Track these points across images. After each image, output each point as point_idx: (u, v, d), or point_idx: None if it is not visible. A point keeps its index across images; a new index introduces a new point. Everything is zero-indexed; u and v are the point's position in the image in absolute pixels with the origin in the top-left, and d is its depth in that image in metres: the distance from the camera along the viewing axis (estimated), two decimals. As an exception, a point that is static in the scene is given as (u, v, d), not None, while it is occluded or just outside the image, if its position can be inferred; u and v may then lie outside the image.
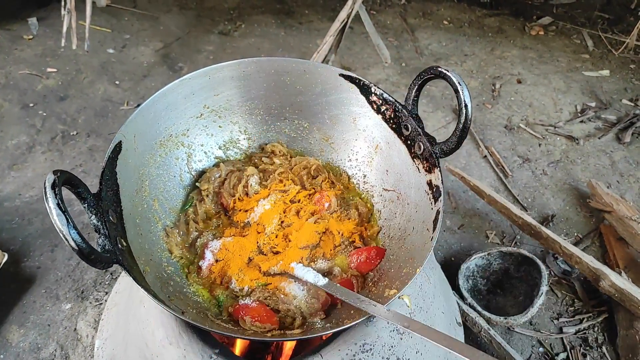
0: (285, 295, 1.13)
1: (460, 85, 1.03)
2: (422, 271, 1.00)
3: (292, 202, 1.33)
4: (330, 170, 1.43)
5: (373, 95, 1.29)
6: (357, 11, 2.57)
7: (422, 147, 1.17)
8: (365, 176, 1.39)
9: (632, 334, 1.72)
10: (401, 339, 1.17)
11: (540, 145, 2.77)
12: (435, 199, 1.10)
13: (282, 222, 1.28)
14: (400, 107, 1.23)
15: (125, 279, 1.55)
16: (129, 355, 1.26)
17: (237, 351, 1.27)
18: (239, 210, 1.32)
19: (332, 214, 1.30)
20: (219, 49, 3.49)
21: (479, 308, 1.75)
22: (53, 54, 3.20)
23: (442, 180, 1.10)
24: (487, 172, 2.57)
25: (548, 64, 3.50)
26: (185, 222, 1.28)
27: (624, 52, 3.63)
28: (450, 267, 2.00)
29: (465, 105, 1.03)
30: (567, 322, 1.88)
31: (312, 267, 1.17)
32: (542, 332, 1.83)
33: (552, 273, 2.03)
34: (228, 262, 1.19)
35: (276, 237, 1.24)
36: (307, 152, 1.47)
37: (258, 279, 1.17)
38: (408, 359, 1.18)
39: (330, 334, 1.11)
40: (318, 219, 1.28)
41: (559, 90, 3.23)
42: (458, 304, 1.71)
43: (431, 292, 1.40)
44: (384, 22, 3.97)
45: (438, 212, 1.06)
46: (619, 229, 2.08)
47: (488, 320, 1.74)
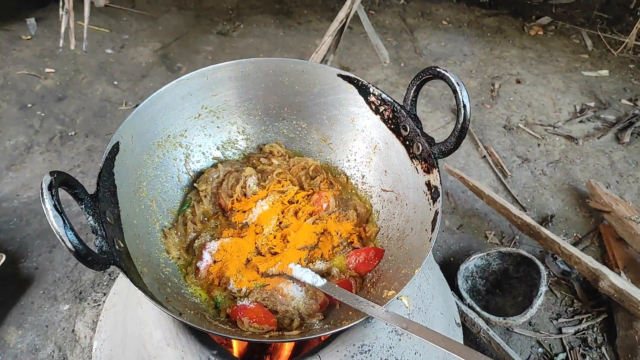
0: (284, 296, 1.12)
1: (458, 86, 1.03)
2: (420, 272, 1.00)
3: (290, 202, 1.33)
4: (328, 170, 1.42)
5: (371, 95, 1.29)
6: (356, 11, 2.57)
7: (420, 147, 1.17)
8: (363, 177, 1.39)
9: (631, 334, 1.72)
10: (400, 340, 1.17)
11: (539, 145, 2.77)
12: (434, 200, 1.09)
13: (281, 223, 1.28)
14: (398, 108, 1.22)
15: (124, 280, 1.54)
16: (127, 357, 1.25)
17: (235, 352, 1.27)
18: (237, 211, 1.31)
19: (330, 214, 1.30)
20: (217, 49, 3.48)
21: (478, 308, 1.74)
22: (51, 55, 3.19)
23: (440, 180, 1.09)
24: (486, 172, 2.57)
25: (547, 64, 3.50)
26: (183, 223, 1.27)
27: (623, 52, 3.63)
28: (449, 268, 1.99)
29: (464, 106, 1.03)
30: (566, 322, 1.88)
31: (310, 268, 1.17)
32: (541, 333, 1.83)
33: (551, 273, 2.03)
34: (226, 263, 1.19)
35: (274, 238, 1.24)
36: (305, 152, 1.46)
37: (256, 280, 1.16)
38: (407, 360, 1.18)
39: (328, 335, 1.11)
40: (316, 219, 1.27)
41: (558, 90, 3.23)
42: (457, 304, 1.71)
43: (430, 293, 1.39)
44: (383, 22, 3.97)
45: (436, 213, 1.06)
46: (618, 229, 2.08)
47: (487, 321, 1.73)
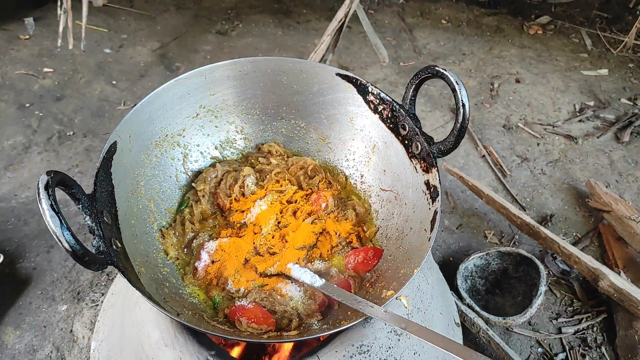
0: (282, 296, 1.12)
1: (457, 85, 1.03)
2: (419, 272, 0.99)
3: (288, 202, 1.32)
4: (327, 170, 1.42)
5: (370, 94, 1.28)
6: (355, 10, 2.56)
7: (419, 146, 1.16)
8: (362, 176, 1.38)
9: (631, 334, 1.72)
10: (399, 340, 1.17)
11: (538, 144, 2.77)
12: (433, 199, 1.09)
13: (279, 223, 1.27)
14: (397, 107, 1.22)
15: (122, 280, 1.54)
16: (124, 357, 1.25)
17: (233, 353, 1.26)
18: (236, 211, 1.31)
19: (329, 214, 1.29)
20: (216, 48, 3.47)
21: (477, 308, 1.74)
22: (49, 54, 3.18)
23: (439, 180, 1.09)
24: (485, 172, 2.57)
25: (546, 63, 3.50)
26: (181, 223, 1.27)
27: (622, 51, 3.63)
28: (448, 268, 1.99)
29: (463, 105, 1.03)
30: (566, 322, 1.87)
31: (309, 268, 1.16)
32: (540, 333, 1.83)
33: (551, 273, 2.03)
34: (224, 263, 1.18)
35: (273, 238, 1.24)
36: (304, 152, 1.46)
37: (254, 280, 1.16)
38: (406, 360, 1.17)
39: (327, 335, 1.10)
40: (315, 219, 1.27)
41: (557, 89, 3.23)
42: (456, 304, 1.70)
43: (429, 293, 1.39)
44: (382, 22, 3.96)
45: (436, 212, 1.06)
46: (617, 229, 2.08)
47: (487, 321, 1.73)
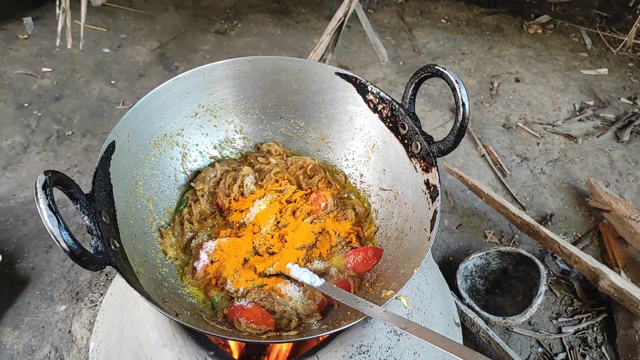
0: (281, 296, 1.12)
1: (457, 84, 1.02)
2: (419, 271, 0.99)
3: (288, 202, 1.32)
4: (326, 169, 1.42)
5: (369, 94, 1.28)
6: (354, 10, 2.55)
7: (419, 146, 1.16)
8: (362, 176, 1.38)
9: (631, 333, 1.72)
10: (399, 340, 1.16)
11: (538, 144, 2.76)
12: (433, 199, 1.08)
13: (278, 223, 1.27)
14: (397, 106, 1.21)
15: (120, 280, 1.53)
16: (123, 358, 1.24)
17: (232, 353, 1.26)
18: (235, 211, 1.30)
19: (328, 214, 1.29)
20: (215, 48, 3.47)
21: (477, 308, 1.74)
22: (48, 54, 3.18)
23: (439, 179, 1.09)
24: (485, 171, 2.56)
25: (546, 63, 3.50)
26: (180, 223, 1.26)
27: (622, 51, 3.63)
28: (448, 267, 1.98)
29: (463, 104, 1.02)
30: (566, 322, 1.87)
31: (308, 268, 1.16)
32: (541, 332, 1.82)
33: (551, 273, 2.02)
34: (223, 263, 1.18)
35: (272, 238, 1.23)
36: (303, 151, 1.45)
37: (254, 280, 1.15)
38: (406, 361, 1.17)
39: (326, 335, 1.10)
40: (314, 219, 1.26)
41: (557, 88, 3.22)
42: (456, 304, 1.70)
43: (429, 293, 1.38)
44: (381, 21, 3.96)
45: (435, 212, 1.05)
46: (618, 228, 2.07)
47: (486, 321, 1.72)
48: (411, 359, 1.18)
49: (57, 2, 2.62)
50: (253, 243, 1.22)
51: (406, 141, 1.21)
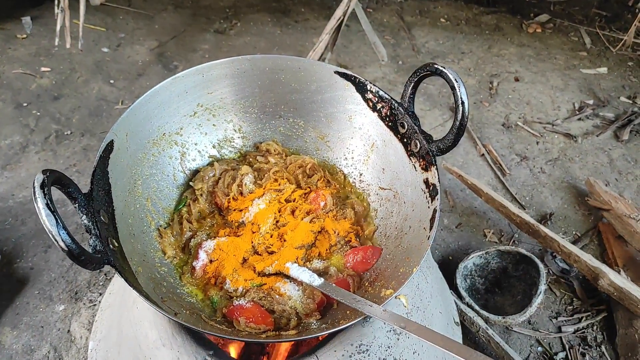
0: (281, 295, 1.11)
1: (456, 82, 1.02)
2: (419, 270, 0.99)
3: (287, 201, 1.31)
4: (325, 169, 1.41)
5: (369, 92, 1.27)
6: (354, 9, 2.55)
7: (418, 145, 1.16)
8: (361, 175, 1.37)
9: (631, 332, 1.71)
10: (398, 340, 1.16)
11: (538, 143, 2.76)
12: (432, 198, 1.08)
13: (277, 222, 1.26)
14: (396, 105, 1.21)
15: (119, 280, 1.52)
16: (122, 357, 1.24)
17: (231, 353, 1.26)
18: (234, 210, 1.30)
19: (327, 213, 1.29)
20: (214, 47, 3.46)
21: (477, 307, 1.73)
22: (47, 53, 3.17)
23: (438, 178, 1.08)
24: (484, 171, 2.56)
25: (546, 62, 3.49)
26: (179, 222, 1.26)
27: (621, 50, 3.62)
28: (448, 267, 1.98)
29: (462, 102, 1.02)
30: (565, 321, 1.87)
31: (307, 267, 1.15)
32: (540, 332, 1.82)
33: (551, 272, 2.02)
34: (222, 262, 1.17)
35: (271, 237, 1.23)
36: (302, 150, 1.45)
37: (253, 279, 1.15)
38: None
39: (326, 334, 1.10)
40: (313, 218, 1.26)
41: (556, 88, 3.22)
42: (456, 303, 1.70)
43: (428, 292, 1.38)
44: (381, 20, 3.96)
45: (435, 211, 1.05)
46: (617, 227, 2.07)
47: (486, 320, 1.72)
48: (411, 358, 1.18)
49: (56, 2, 2.62)
50: (252, 242, 1.22)
51: (405, 140, 1.20)
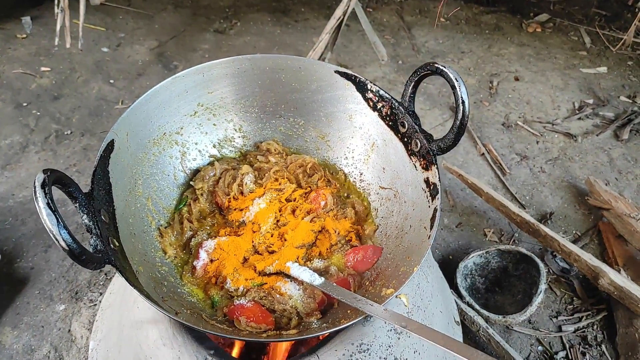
0: (281, 295, 1.11)
1: (457, 82, 1.02)
2: (419, 270, 0.99)
3: (287, 200, 1.31)
4: (326, 168, 1.41)
5: (369, 92, 1.27)
6: (353, 9, 2.55)
7: (419, 144, 1.15)
8: (361, 174, 1.37)
9: (631, 332, 1.72)
10: (399, 339, 1.16)
11: (538, 142, 2.76)
12: (433, 197, 1.08)
13: (278, 221, 1.26)
14: (396, 104, 1.21)
15: (120, 279, 1.53)
16: (123, 357, 1.24)
17: (232, 352, 1.26)
18: (234, 209, 1.30)
19: (328, 212, 1.29)
20: (214, 47, 3.46)
21: (477, 307, 1.73)
22: (47, 53, 3.17)
23: (439, 177, 1.08)
24: (484, 170, 2.56)
25: (545, 61, 3.49)
26: (180, 222, 1.26)
27: (621, 49, 3.63)
28: (448, 266, 1.98)
29: (463, 102, 1.02)
30: (566, 320, 1.87)
31: (308, 267, 1.15)
32: (541, 331, 1.82)
33: (551, 271, 2.02)
34: (223, 261, 1.17)
35: (272, 236, 1.23)
36: (302, 150, 1.45)
37: (253, 278, 1.15)
38: (406, 359, 1.16)
39: (326, 334, 1.10)
40: (314, 217, 1.26)
41: (556, 87, 3.22)
42: (456, 302, 1.70)
43: (429, 291, 1.38)
44: (381, 20, 3.96)
45: (435, 210, 1.05)
46: (617, 227, 2.07)
47: (486, 319, 1.72)
48: (411, 357, 1.18)
49: (56, 2, 2.61)
50: (253, 242, 1.22)
51: (406, 139, 1.20)
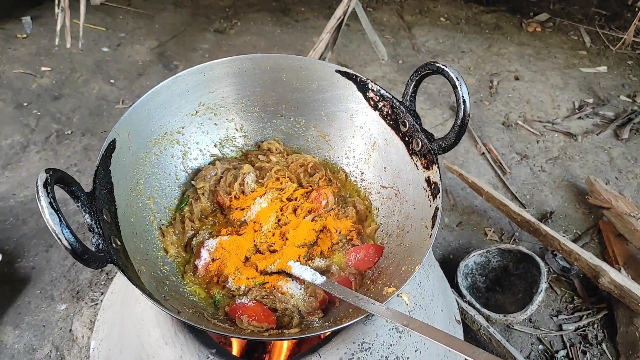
0: (283, 294, 1.11)
1: (458, 81, 1.02)
2: (421, 269, 0.99)
3: (289, 200, 1.31)
4: (327, 167, 1.41)
5: (370, 91, 1.28)
6: (354, 8, 2.55)
7: (420, 143, 1.16)
8: (362, 173, 1.38)
9: (632, 330, 1.72)
10: (400, 338, 1.16)
11: (538, 141, 2.77)
12: (434, 196, 1.08)
13: (279, 220, 1.26)
14: (397, 103, 1.21)
15: (121, 278, 1.53)
16: (124, 356, 1.24)
17: (234, 351, 1.26)
18: (236, 209, 1.30)
19: (329, 211, 1.29)
20: (214, 47, 3.47)
21: (478, 306, 1.74)
22: (47, 53, 3.17)
23: (440, 176, 1.08)
24: (485, 169, 2.56)
25: (545, 61, 3.50)
26: (181, 221, 1.26)
27: (621, 48, 3.63)
28: (448, 265, 1.99)
29: (464, 101, 1.02)
30: (566, 319, 1.87)
31: (309, 266, 1.15)
32: (541, 330, 1.83)
33: (551, 270, 2.02)
34: (224, 261, 1.18)
35: (273, 236, 1.23)
36: (303, 149, 1.45)
37: (255, 277, 1.15)
38: (407, 358, 1.17)
39: (328, 332, 1.10)
40: (315, 216, 1.26)
41: (556, 86, 3.23)
42: (457, 301, 1.70)
43: (430, 290, 1.38)
44: (381, 20, 3.96)
45: (437, 209, 1.05)
46: (618, 226, 2.08)
47: (487, 318, 1.73)
48: (413, 356, 1.18)
49: (56, 1, 2.62)
50: (254, 241, 1.22)
51: (407, 139, 1.21)
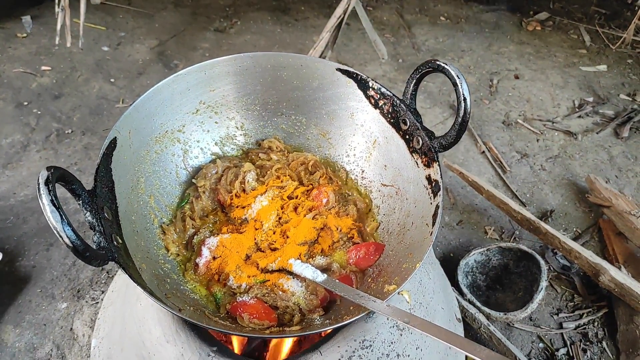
0: (284, 291, 1.12)
1: (458, 79, 1.02)
2: (421, 266, 0.99)
3: (289, 198, 1.31)
4: (328, 165, 1.41)
5: (371, 89, 1.28)
6: (354, 7, 2.55)
7: (420, 141, 1.16)
8: (363, 171, 1.38)
9: (632, 328, 1.72)
10: (401, 335, 1.16)
11: (538, 140, 2.77)
12: (435, 194, 1.08)
13: (280, 219, 1.26)
14: (398, 102, 1.21)
15: (122, 277, 1.53)
16: (125, 354, 1.24)
17: (235, 349, 1.26)
18: (236, 207, 1.30)
19: (330, 209, 1.29)
20: (214, 46, 3.46)
21: (478, 304, 1.74)
22: (47, 52, 3.17)
23: (441, 174, 1.09)
24: (485, 168, 2.57)
25: (545, 60, 3.50)
26: (182, 219, 1.26)
27: (621, 47, 3.63)
28: (449, 263, 1.99)
29: (464, 99, 1.02)
30: (566, 317, 1.87)
31: (310, 264, 1.16)
32: (541, 328, 1.83)
33: (552, 268, 2.03)
34: (225, 259, 1.18)
35: (274, 234, 1.23)
36: (304, 147, 1.45)
37: (256, 275, 1.15)
38: (408, 355, 1.17)
39: (329, 330, 1.10)
40: (316, 215, 1.26)
41: (556, 85, 3.23)
42: (457, 300, 1.70)
43: (431, 288, 1.39)
44: (381, 19, 3.96)
45: (437, 207, 1.05)
46: (618, 224, 2.08)
47: (487, 316, 1.73)
48: (414, 353, 1.19)
49: (56, 1, 2.61)
50: (255, 239, 1.22)
51: (407, 137, 1.21)
